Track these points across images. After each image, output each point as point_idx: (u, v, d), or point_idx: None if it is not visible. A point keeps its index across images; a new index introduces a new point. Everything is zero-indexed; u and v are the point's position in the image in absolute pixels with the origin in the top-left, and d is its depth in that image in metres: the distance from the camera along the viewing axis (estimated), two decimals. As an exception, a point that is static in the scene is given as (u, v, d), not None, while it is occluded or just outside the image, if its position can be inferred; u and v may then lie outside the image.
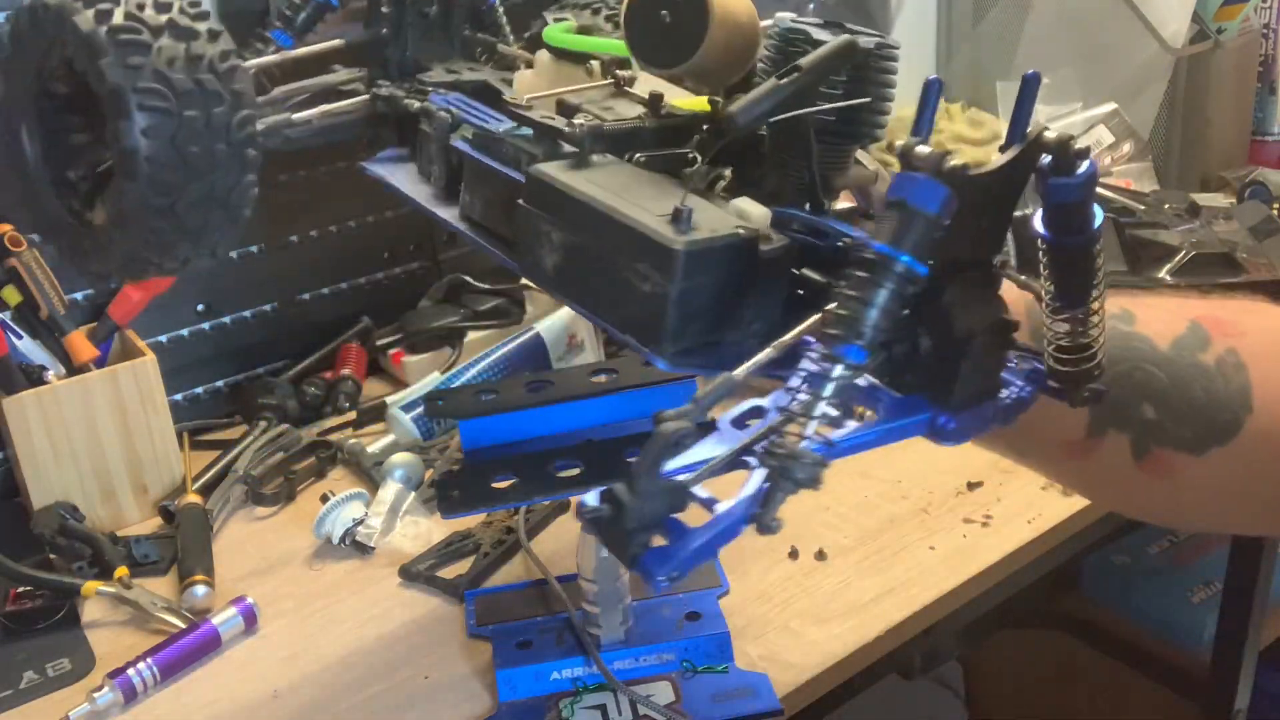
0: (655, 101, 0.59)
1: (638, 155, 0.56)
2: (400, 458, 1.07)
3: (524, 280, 1.35)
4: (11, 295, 1.07)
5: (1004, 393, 0.51)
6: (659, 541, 0.42)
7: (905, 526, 0.98)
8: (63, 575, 0.96)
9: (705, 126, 0.59)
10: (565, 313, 1.24)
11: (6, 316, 1.07)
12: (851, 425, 0.47)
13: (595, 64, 0.67)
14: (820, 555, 0.94)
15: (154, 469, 1.08)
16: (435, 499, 0.98)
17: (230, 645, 0.89)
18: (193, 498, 1.05)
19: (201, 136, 0.61)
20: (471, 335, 1.31)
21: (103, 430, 1.04)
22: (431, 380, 1.20)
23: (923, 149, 0.44)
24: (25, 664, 0.89)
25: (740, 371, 0.45)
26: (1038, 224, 0.49)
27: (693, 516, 0.43)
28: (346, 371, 1.25)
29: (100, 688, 0.83)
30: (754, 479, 0.42)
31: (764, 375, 0.46)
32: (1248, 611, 1.38)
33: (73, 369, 1.07)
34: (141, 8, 0.62)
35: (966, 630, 1.00)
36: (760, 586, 0.91)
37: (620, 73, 0.62)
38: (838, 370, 0.43)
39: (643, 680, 0.81)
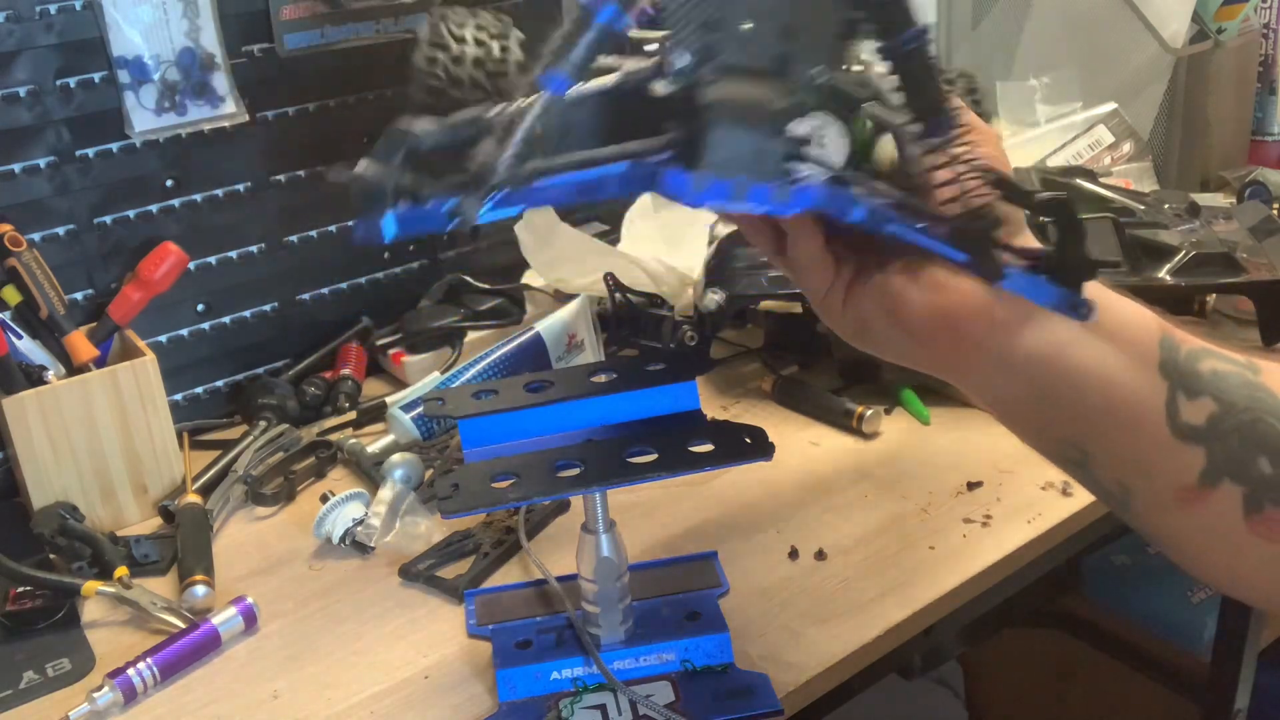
0: None
1: None
2: (400, 458, 1.07)
3: (525, 279, 1.36)
4: (11, 295, 1.07)
5: (783, 182, 0.53)
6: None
7: (905, 526, 0.98)
8: (63, 575, 0.96)
9: None
10: (565, 313, 1.24)
11: (6, 316, 1.07)
12: (568, 158, 0.53)
13: None
14: (820, 555, 0.94)
15: (154, 469, 1.08)
16: (435, 499, 0.98)
17: (230, 645, 0.89)
18: (193, 498, 1.05)
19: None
20: (471, 335, 1.31)
21: (103, 430, 1.04)
22: (431, 380, 1.20)
23: None
24: (25, 664, 0.89)
25: (492, 111, 0.53)
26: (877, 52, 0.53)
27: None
28: (346, 371, 1.25)
29: (100, 688, 0.83)
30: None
31: None
32: (1248, 611, 1.38)
33: (73, 369, 1.07)
34: (461, 25, 0.85)
35: (966, 630, 1.00)
36: (760, 586, 0.91)
37: None
38: (544, 97, 0.50)
39: (643, 680, 0.81)
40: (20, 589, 0.96)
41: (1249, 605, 0.63)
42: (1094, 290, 0.56)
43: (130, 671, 0.84)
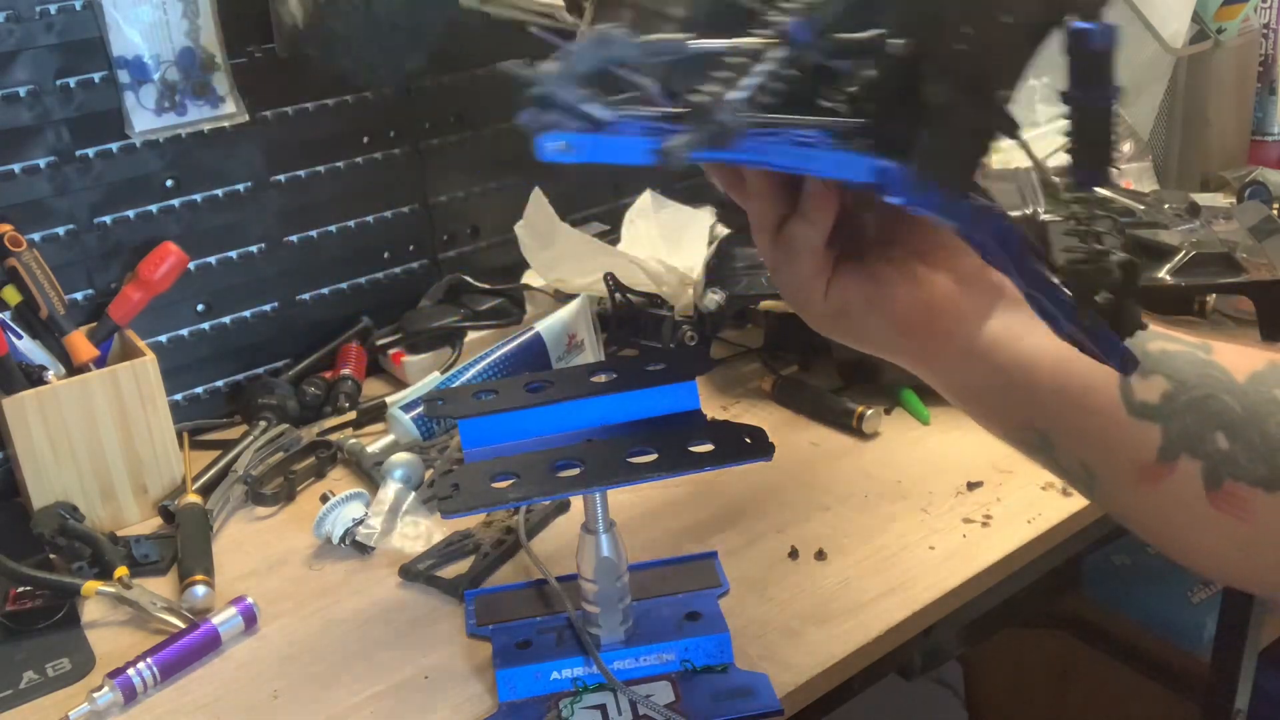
0: None
1: None
2: (400, 458, 1.07)
3: (525, 279, 1.36)
4: (11, 295, 1.07)
5: (976, 203, 0.52)
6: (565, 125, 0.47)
7: (905, 526, 0.98)
8: (63, 575, 0.96)
9: None
10: (565, 313, 1.24)
11: (6, 316, 1.07)
12: (783, 118, 0.50)
13: None
14: (820, 555, 0.94)
15: (154, 469, 1.08)
16: (435, 499, 0.98)
17: (230, 645, 0.89)
18: (193, 498, 1.05)
19: None
20: (471, 335, 1.31)
21: (103, 430, 1.04)
22: (431, 380, 1.20)
23: None
24: (25, 664, 0.89)
25: (696, 44, 0.48)
26: (1064, 87, 0.52)
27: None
28: (346, 371, 1.25)
29: (100, 688, 0.83)
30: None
31: None
32: (1248, 611, 1.38)
33: (73, 369, 1.07)
34: None
35: (966, 630, 1.00)
36: (760, 586, 0.91)
37: None
38: (780, 49, 0.47)
39: (642, 680, 0.81)
40: (20, 589, 0.96)
41: (1218, 582, 0.63)
42: None
43: (130, 671, 0.84)
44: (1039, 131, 1.50)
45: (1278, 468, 0.55)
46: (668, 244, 1.39)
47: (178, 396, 1.21)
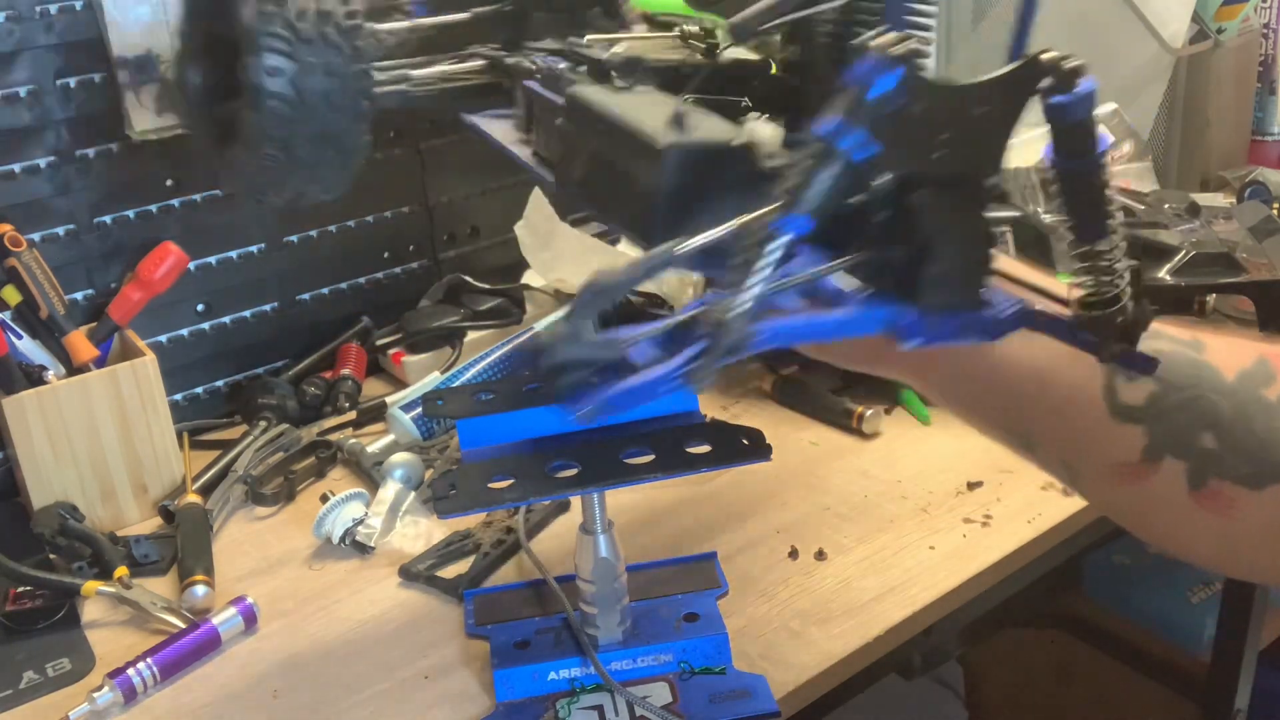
0: (710, 49, 0.62)
1: (687, 97, 0.59)
2: (400, 458, 1.07)
3: (525, 279, 1.36)
4: (11, 295, 1.07)
5: (990, 310, 0.51)
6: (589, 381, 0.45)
7: (905, 526, 0.98)
8: (63, 575, 0.96)
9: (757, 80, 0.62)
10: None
11: (6, 316, 1.07)
12: (801, 306, 0.48)
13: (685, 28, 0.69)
14: (820, 555, 0.94)
15: (154, 469, 1.08)
16: (433, 499, 0.98)
17: (230, 645, 0.90)
18: (193, 498, 1.05)
19: (318, 80, 0.67)
20: (471, 335, 1.31)
21: (103, 430, 1.05)
22: (431, 380, 1.20)
23: (883, 39, 0.45)
24: (25, 664, 0.89)
25: (684, 246, 0.46)
26: (1046, 152, 0.50)
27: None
28: (346, 371, 1.25)
29: (100, 688, 0.83)
30: (689, 347, 0.44)
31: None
32: (1248, 611, 1.38)
33: (73, 369, 1.08)
34: None
35: (966, 630, 1.00)
36: (760, 586, 0.91)
37: (689, 29, 0.65)
38: (777, 242, 0.44)
39: (640, 681, 0.81)
40: (20, 589, 0.96)
41: (1197, 566, 0.64)
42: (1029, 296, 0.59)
43: (130, 671, 0.84)
44: (1039, 132, 1.50)
45: (1261, 467, 0.55)
46: (668, 244, 1.39)
47: (178, 396, 1.21)
